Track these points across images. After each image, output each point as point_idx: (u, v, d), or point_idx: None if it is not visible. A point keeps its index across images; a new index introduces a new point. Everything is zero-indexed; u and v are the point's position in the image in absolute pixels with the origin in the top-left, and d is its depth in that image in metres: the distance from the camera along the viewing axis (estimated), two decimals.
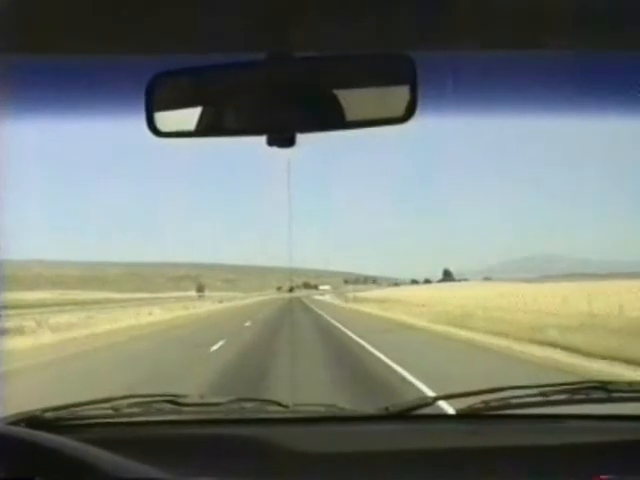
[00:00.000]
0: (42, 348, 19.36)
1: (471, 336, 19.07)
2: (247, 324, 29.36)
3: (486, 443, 1.89)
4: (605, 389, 2.00)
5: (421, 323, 27.22)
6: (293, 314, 42.58)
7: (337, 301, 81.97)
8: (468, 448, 1.87)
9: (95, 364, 15.15)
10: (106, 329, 28.47)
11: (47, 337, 23.46)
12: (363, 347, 16.94)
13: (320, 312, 44.67)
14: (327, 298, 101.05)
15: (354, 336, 20.69)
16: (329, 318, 34.89)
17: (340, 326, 26.87)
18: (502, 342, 16.70)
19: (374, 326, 26.50)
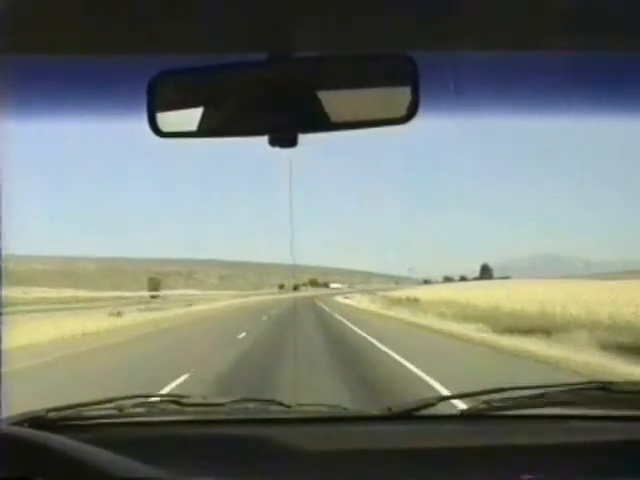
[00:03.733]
0: None
1: None
2: None
3: (489, 443, 2.06)
4: (607, 390, 2.17)
5: None
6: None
7: (403, 313, 40.31)
8: (471, 448, 2.04)
9: None
10: None
11: None
12: None
13: None
14: (365, 304, 61.70)
15: None
16: None
17: None
18: None
19: None
